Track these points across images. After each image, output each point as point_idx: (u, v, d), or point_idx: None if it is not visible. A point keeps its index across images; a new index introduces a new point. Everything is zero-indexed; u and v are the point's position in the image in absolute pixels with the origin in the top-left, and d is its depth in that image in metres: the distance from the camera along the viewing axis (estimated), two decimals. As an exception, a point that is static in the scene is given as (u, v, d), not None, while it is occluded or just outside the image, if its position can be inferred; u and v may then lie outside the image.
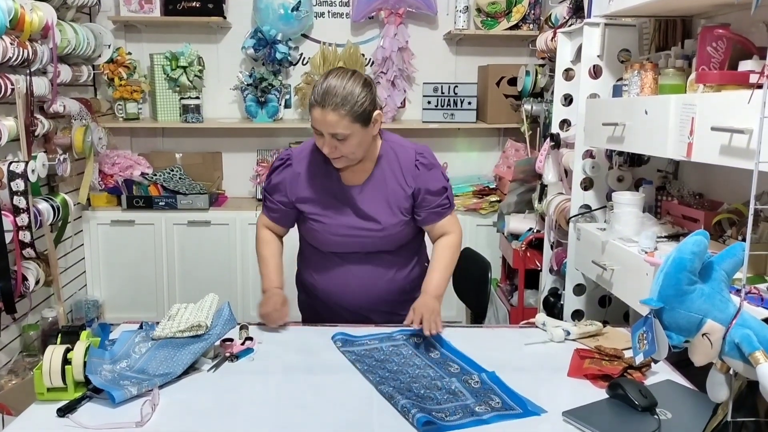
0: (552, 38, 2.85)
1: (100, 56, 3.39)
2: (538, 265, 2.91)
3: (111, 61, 3.52)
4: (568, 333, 1.74)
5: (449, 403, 1.38)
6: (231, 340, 1.67)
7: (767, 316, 1.16)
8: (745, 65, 1.54)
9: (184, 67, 3.61)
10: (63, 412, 1.32)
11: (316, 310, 1.99)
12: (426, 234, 1.99)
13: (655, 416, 1.31)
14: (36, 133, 2.72)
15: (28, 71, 2.62)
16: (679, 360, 1.43)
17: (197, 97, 3.69)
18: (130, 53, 3.64)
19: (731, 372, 1.10)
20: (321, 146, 1.75)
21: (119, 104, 3.65)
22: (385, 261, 1.91)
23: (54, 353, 1.39)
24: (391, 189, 1.85)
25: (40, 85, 2.73)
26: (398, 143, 1.90)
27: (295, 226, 1.99)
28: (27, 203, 2.49)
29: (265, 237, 1.97)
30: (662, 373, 1.54)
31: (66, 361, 1.39)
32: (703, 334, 1.08)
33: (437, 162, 1.91)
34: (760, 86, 1.28)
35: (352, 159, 1.79)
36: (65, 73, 3.00)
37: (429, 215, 1.88)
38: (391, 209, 1.85)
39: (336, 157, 1.76)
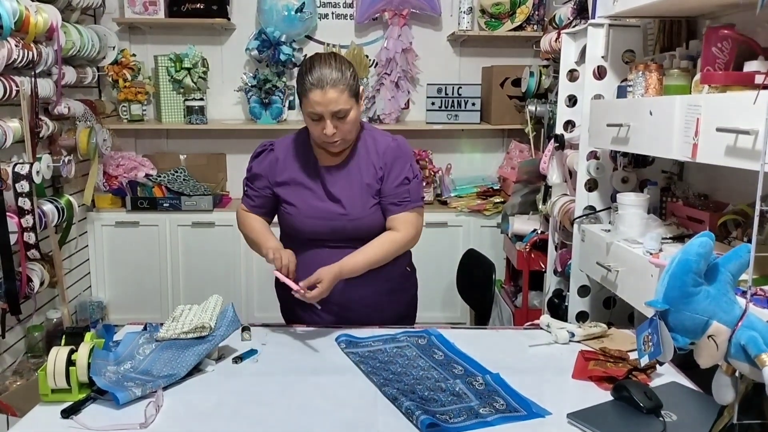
0: (556, 39, 2.84)
1: (104, 58, 3.41)
2: (543, 266, 2.90)
3: (115, 62, 3.53)
4: (573, 335, 1.73)
5: (453, 405, 1.37)
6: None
7: (773, 317, 1.15)
8: (750, 66, 1.53)
9: (189, 69, 3.62)
10: (67, 413, 1.33)
11: (295, 312, 1.93)
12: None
13: (660, 418, 1.31)
14: (41, 135, 2.73)
15: (32, 73, 2.63)
16: (685, 362, 1.42)
17: (201, 99, 3.70)
18: (134, 55, 3.65)
19: (737, 374, 1.10)
20: (320, 133, 1.75)
21: (123, 106, 3.65)
22: None
23: (58, 354, 1.40)
24: (364, 170, 1.86)
25: (45, 87, 2.73)
26: (376, 130, 1.94)
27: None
28: (32, 204, 2.50)
29: (248, 214, 1.95)
30: (667, 375, 1.54)
31: (70, 363, 1.39)
32: (708, 336, 1.07)
33: (411, 154, 1.91)
34: (765, 87, 1.28)
35: (349, 139, 1.82)
36: (70, 74, 3.01)
37: (387, 206, 1.85)
38: (360, 192, 1.84)
39: (335, 140, 1.77)
